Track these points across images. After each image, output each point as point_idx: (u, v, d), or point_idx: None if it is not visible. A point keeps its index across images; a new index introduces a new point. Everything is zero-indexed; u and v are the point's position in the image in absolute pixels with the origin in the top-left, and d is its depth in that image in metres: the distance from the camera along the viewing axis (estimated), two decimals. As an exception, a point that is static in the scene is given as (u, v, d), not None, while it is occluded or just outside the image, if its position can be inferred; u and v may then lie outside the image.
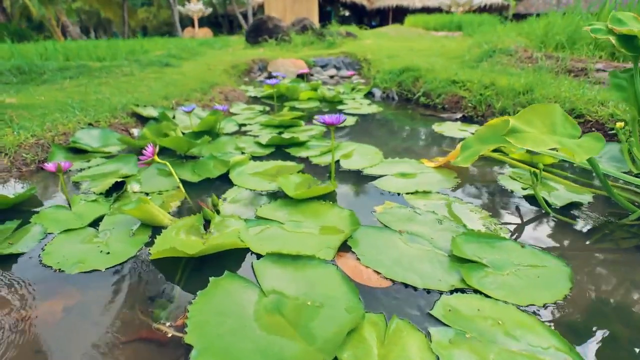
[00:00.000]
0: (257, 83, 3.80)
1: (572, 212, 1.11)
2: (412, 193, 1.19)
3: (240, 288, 0.74)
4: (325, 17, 14.50)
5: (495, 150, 1.59)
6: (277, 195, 1.17)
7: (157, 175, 1.30)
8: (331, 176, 1.25)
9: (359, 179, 1.33)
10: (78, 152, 1.57)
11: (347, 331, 0.61)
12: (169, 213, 1.04)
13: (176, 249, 0.76)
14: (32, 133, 1.55)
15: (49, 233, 0.94)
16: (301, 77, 4.01)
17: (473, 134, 1.79)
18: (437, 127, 2.01)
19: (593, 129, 1.82)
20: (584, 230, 1.01)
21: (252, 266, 0.81)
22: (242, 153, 1.54)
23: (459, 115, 2.24)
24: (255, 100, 2.91)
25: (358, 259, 0.85)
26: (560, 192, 1.21)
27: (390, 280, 0.79)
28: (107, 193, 1.17)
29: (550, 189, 1.23)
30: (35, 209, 1.10)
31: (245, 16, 18.89)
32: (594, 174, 1.39)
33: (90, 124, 1.78)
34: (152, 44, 5.15)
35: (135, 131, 1.86)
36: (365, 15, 17.60)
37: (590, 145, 0.94)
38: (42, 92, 2.57)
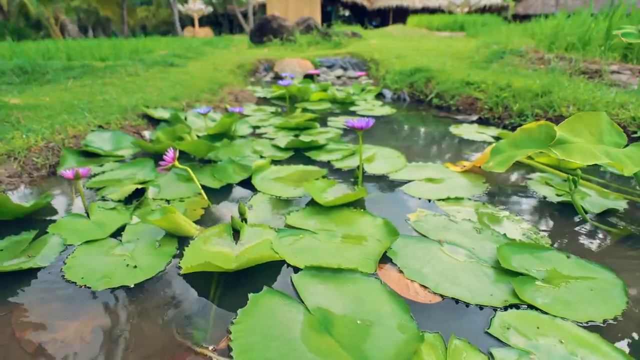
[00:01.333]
0: (264, 83, 3.75)
1: (609, 219, 1.07)
2: (443, 199, 1.15)
3: (282, 306, 0.69)
4: (325, 17, 14.45)
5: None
6: (302, 202, 1.12)
7: (175, 181, 1.25)
8: (359, 182, 1.20)
9: (385, 184, 1.28)
10: (90, 155, 1.51)
11: (409, 356, 0.57)
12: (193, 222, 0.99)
13: (212, 263, 0.71)
14: (42, 136, 1.49)
15: (69, 245, 0.89)
16: (309, 77, 3.96)
17: (496, 137, 1.75)
18: (455, 130, 1.97)
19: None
20: (627, 238, 0.97)
21: (290, 281, 0.77)
22: (261, 157, 1.49)
23: (474, 118, 2.20)
24: (264, 101, 2.86)
25: (401, 271, 0.80)
26: (593, 199, 1.17)
27: (440, 295, 0.74)
28: (126, 200, 1.12)
29: (583, 194, 1.19)
30: (50, 218, 1.05)
31: (245, 16, 18.82)
32: (621, 179, 1.35)
33: (100, 126, 1.72)
34: (155, 44, 5.08)
35: (146, 133, 1.81)
36: (366, 16, 17.56)
37: (638, 155, 0.90)
38: (47, 92, 2.51)
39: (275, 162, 1.45)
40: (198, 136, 1.66)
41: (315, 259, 0.82)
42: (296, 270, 0.80)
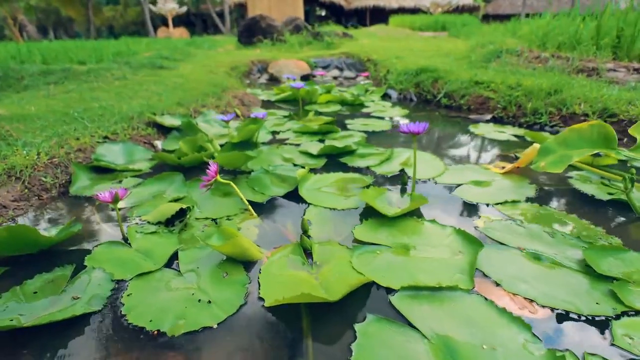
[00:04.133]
0: (261, 86, 3.62)
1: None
2: (500, 203, 1.10)
3: (397, 335, 0.61)
4: (304, 17, 14.33)
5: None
6: (355, 213, 1.04)
7: (212, 197, 1.13)
8: (412, 188, 1.14)
9: (434, 189, 1.22)
10: (102, 171, 1.35)
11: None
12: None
13: (311, 294, 0.62)
14: (45, 151, 1.32)
15: (118, 280, 0.76)
16: (305, 78, 3.86)
17: (518, 136, 1.70)
18: (474, 129, 1.96)
19: (627, 128, 1.83)
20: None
21: (390, 304, 0.69)
22: (295, 165, 1.39)
23: (488, 117, 2.20)
24: (269, 104, 2.75)
25: (497, 284, 0.75)
26: (636, 195, 1.17)
27: (550, 308, 0.69)
28: (167, 222, 0.99)
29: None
30: (80, 247, 0.91)
31: (221, 15, 18.35)
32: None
33: (106, 137, 1.56)
34: (136, 45, 4.80)
35: (158, 143, 1.66)
36: (343, 15, 17.63)
37: None
38: (29, 100, 2.28)
39: (311, 170, 1.36)
40: (220, 145, 1.54)
41: (408, 277, 0.75)
42: (387, 291, 0.72)
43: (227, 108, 2.29)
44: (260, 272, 0.78)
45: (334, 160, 1.47)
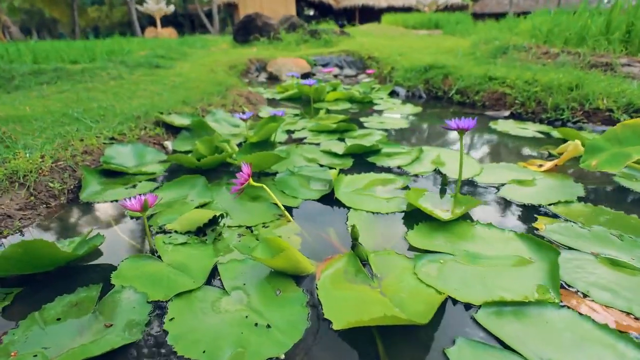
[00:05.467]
0: (260, 84, 3.51)
1: None
2: (553, 204, 1.04)
3: (498, 365, 0.53)
4: (295, 17, 14.18)
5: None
6: (398, 216, 0.96)
7: (240, 202, 1.03)
8: (456, 189, 1.06)
9: (478, 189, 1.15)
10: (113, 174, 1.24)
11: None
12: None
13: (395, 316, 0.54)
14: (50, 154, 1.20)
15: (154, 301, 0.66)
16: (305, 77, 3.77)
17: (543, 132, 1.65)
18: (496, 126, 1.90)
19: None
20: None
21: (474, 321, 0.61)
22: (324, 167, 1.30)
23: (506, 113, 2.15)
24: (274, 102, 2.64)
25: (585, 295, 0.67)
26: None
27: (654, 324, 0.62)
28: (197, 231, 0.89)
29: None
30: (102, 262, 0.80)
31: (208, 15, 18.09)
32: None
33: (112, 139, 1.44)
34: (130, 44, 4.61)
35: (168, 144, 1.54)
36: (332, 14, 17.58)
37: None
38: (22, 100, 2.13)
39: (341, 171, 1.27)
40: (238, 145, 1.43)
41: (486, 290, 0.67)
42: (464, 306, 0.64)
43: (234, 107, 2.18)
44: (317, 288, 0.68)
45: (361, 160, 1.38)
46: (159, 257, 0.79)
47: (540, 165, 1.33)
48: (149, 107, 1.80)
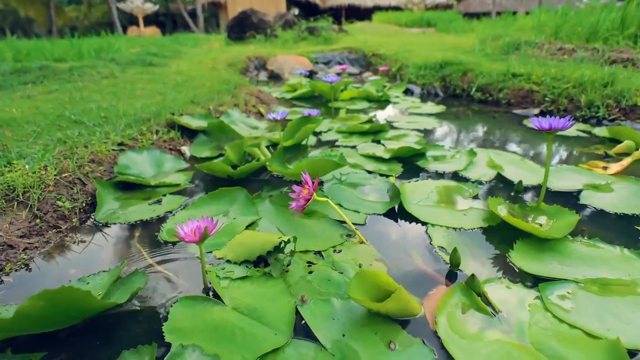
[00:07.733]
0: (261, 83, 3.32)
1: None
2: (647, 212, 0.92)
3: None
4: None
5: None
6: (478, 232, 0.82)
7: (291, 219, 0.87)
8: (540, 198, 0.93)
9: (553, 196, 1.02)
10: (130, 187, 1.05)
11: None
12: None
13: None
14: (52, 164, 1.00)
15: (231, 364, 0.49)
16: (308, 76, 3.61)
17: (586, 131, 1.56)
18: (531, 125, 1.79)
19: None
20: None
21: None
22: (372, 173, 1.15)
23: (536, 111, 2.05)
24: (285, 102, 2.47)
25: None
26: None
27: None
28: (256, 260, 0.72)
29: None
30: (141, 307, 0.63)
31: (192, 14, 17.61)
32: None
33: (121, 144, 1.24)
34: (118, 42, 4.32)
35: (186, 149, 1.36)
36: (318, 14, 17.45)
37: None
38: (5, 101, 1.89)
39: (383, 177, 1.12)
40: (267, 147, 1.26)
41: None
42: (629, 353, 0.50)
43: (247, 107, 2.00)
44: (443, 340, 0.53)
45: (410, 165, 1.24)
46: (216, 296, 0.62)
47: (605, 167, 1.22)
48: (158, 108, 1.60)
